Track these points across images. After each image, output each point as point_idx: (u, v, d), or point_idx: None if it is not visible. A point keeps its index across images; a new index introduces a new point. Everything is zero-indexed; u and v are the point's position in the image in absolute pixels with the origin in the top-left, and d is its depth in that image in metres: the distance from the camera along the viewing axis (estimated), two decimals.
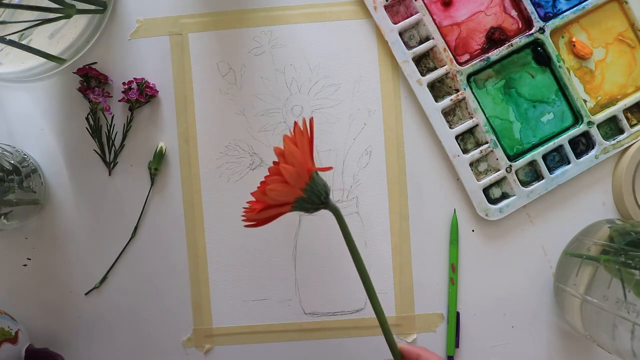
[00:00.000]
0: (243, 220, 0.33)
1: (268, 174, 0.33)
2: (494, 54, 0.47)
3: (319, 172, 0.35)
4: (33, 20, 0.41)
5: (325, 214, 0.48)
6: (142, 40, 0.48)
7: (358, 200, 0.48)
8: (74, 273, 0.49)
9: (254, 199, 0.33)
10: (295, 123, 0.32)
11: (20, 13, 0.41)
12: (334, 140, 0.48)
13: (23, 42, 0.44)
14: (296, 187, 0.31)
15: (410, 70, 0.47)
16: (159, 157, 0.48)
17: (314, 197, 0.33)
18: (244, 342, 0.49)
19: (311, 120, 0.34)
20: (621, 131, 0.48)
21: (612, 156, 0.48)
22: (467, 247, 0.48)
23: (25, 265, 0.49)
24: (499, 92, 0.48)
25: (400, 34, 0.47)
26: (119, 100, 0.48)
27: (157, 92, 0.48)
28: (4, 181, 0.43)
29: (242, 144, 0.48)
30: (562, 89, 0.48)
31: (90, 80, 0.47)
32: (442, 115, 0.47)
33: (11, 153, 0.46)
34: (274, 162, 0.33)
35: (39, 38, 0.45)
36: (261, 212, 0.32)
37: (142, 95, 0.47)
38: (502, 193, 0.48)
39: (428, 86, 0.47)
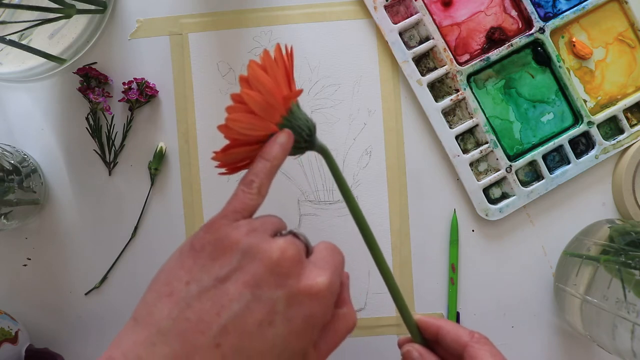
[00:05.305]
0: (216, 167, 0.29)
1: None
2: (494, 54, 0.47)
3: (300, 106, 0.30)
4: (33, 20, 0.41)
5: (324, 215, 0.48)
6: (142, 40, 0.48)
7: (358, 200, 0.48)
8: (74, 273, 0.49)
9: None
10: (266, 50, 0.28)
11: (20, 13, 0.41)
12: (334, 140, 0.48)
13: (23, 42, 0.44)
14: (269, 121, 0.27)
15: (410, 70, 0.47)
16: (159, 157, 0.48)
17: (294, 133, 0.28)
18: None
19: (291, 49, 0.29)
20: (621, 131, 0.48)
21: (612, 156, 0.48)
22: (467, 247, 0.48)
23: (25, 265, 0.49)
24: (499, 92, 0.48)
25: (400, 34, 0.47)
26: (119, 100, 0.48)
27: (157, 92, 0.48)
28: (4, 181, 0.43)
29: None
30: (562, 89, 0.48)
31: (90, 80, 0.47)
32: (442, 115, 0.47)
33: (11, 153, 0.46)
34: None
35: (39, 38, 0.45)
36: (231, 151, 0.28)
37: (142, 95, 0.47)
38: (502, 193, 0.48)
39: (428, 86, 0.47)
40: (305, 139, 0.29)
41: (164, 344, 0.24)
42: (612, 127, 0.49)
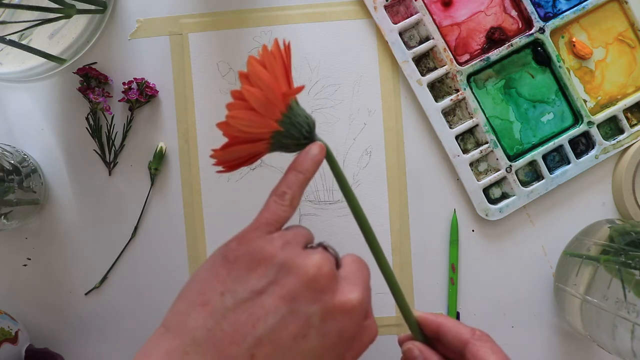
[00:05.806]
0: (214, 164, 0.29)
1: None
2: (494, 54, 0.47)
3: (299, 102, 0.30)
4: (33, 20, 0.41)
5: (324, 215, 0.48)
6: (142, 40, 0.48)
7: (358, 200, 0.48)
8: (74, 273, 0.49)
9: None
10: (264, 46, 0.27)
11: (20, 13, 0.41)
12: (334, 140, 0.48)
13: (23, 42, 0.44)
14: (269, 118, 0.27)
15: (410, 70, 0.47)
16: (159, 157, 0.48)
17: (293, 130, 0.28)
18: None
19: (288, 43, 0.29)
20: (621, 131, 0.48)
21: (612, 156, 0.48)
22: (467, 247, 0.48)
23: (25, 265, 0.49)
24: (499, 92, 0.48)
25: (400, 34, 0.47)
26: (119, 100, 0.48)
27: (157, 92, 0.48)
28: (4, 181, 0.43)
29: None
30: (562, 89, 0.48)
31: (90, 80, 0.47)
32: (442, 115, 0.47)
33: (11, 153, 0.46)
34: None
35: (39, 38, 0.45)
36: (230, 149, 0.28)
37: (142, 95, 0.47)
38: (502, 193, 0.48)
39: (428, 86, 0.47)
40: (305, 136, 0.29)
41: (197, 353, 0.24)
42: (612, 127, 0.49)
